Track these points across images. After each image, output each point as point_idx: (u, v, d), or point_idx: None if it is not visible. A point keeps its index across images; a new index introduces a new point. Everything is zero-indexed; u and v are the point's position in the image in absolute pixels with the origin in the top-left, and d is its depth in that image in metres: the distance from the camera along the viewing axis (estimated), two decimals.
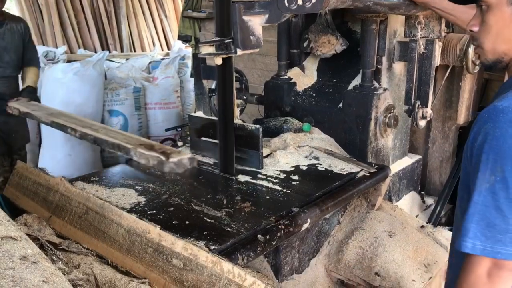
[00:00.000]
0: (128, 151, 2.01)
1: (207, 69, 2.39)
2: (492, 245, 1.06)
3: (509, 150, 1.05)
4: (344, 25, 2.69)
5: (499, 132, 1.07)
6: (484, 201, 1.08)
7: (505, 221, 1.06)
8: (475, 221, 1.08)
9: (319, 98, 2.65)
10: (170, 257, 1.44)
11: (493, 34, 1.21)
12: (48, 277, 0.87)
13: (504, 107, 1.09)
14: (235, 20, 1.72)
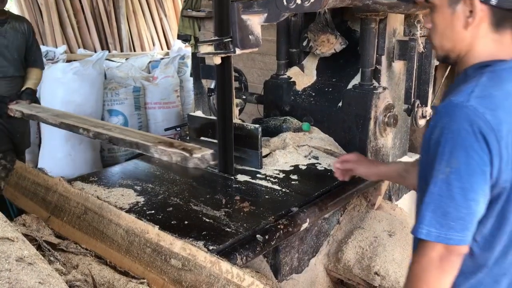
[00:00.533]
0: (147, 149, 2.05)
1: (206, 69, 2.38)
2: (446, 231, 1.14)
3: (462, 143, 1.12)
4: (344, 24, 2.68)
5: (454, 126, 1.13)
6: (439, 191, 1.14)
7: (458, 209, 1.13)
8: (430, 209, 1.15)
9: (318, 98, 2.64)
10: (168, 257, 1.44)
11: (438, 33, 1.29)
12: (44, 279, 0.86)
13: (459, 102, 1.15)
14: (234, 19, 1.71)
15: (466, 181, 1.12)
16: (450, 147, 1.13)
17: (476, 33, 1.23)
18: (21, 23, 3.28)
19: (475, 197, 1.13)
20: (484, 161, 1.12)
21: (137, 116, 4.85)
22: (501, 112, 1.14)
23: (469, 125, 1.12)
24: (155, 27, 7.07)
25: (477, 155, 1.11)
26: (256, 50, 1.82)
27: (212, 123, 2.24)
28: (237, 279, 1.31)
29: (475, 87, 1.17)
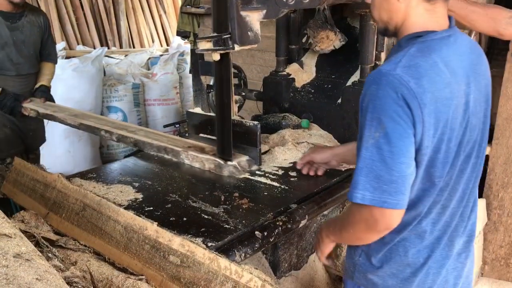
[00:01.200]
0: (177, 154, 2.02)
1: (205, 65, 2.38)
2: (380, 195, 1.19)
3: (389, 109, 1.19)
4: (343, 21, 2.68)
5: (381, 93, 1.20)
6: (371, 155, 1.20)
7: (390, 173, 1.18)
8: (364, 174, 1.21)
9: (317, 94, 2.64)
10: (167, 254, 1.44)
11: (376, 6, 1.40)
12: (41, 275, 0.86)
13: (386, 71, 1.22)
14: (233, 16, 1.71)
15: (395, 145, 1.18)
16: (378, 113, 1.20)
17: (409, 4, 1.31)
18: (38, 15, 3.11)
19: (405, 160, 1.19)
20: (409, 126, 1.19)
21: (136, 112, 4.85)
22: (425, 81, 1.21)
23: (394, 92, 1.18)
24: (154, 23, 7.05)
25: (402, 120, 1.18)
26: (255, 47, 1.82)
27: (211, 120, 2.24)
28: (235, 276, 1.31)
29: (403, 57, 1.25)
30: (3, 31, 2.88)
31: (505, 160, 2.67)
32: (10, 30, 2.90)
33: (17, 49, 2.96)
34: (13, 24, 2.91)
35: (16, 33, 2.94)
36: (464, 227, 1.44)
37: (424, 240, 1.38)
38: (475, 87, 1.35)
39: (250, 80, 3.16)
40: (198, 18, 4.57)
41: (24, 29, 2.98)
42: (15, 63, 2.95)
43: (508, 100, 2.58)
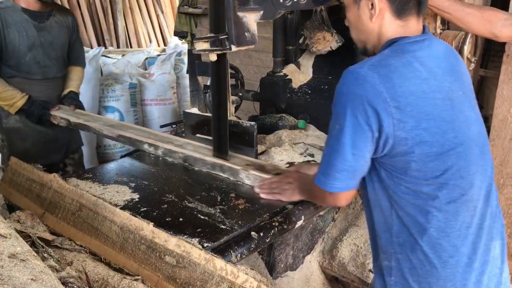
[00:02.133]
0: (236, 173, 1.95)
1: (202, 66, 2.38)
2: (331, 181, 1.38)
3: (350, 104, 1.27)
4: (340, 22, 2.68)
5: (345, 89, 1.30)
6: (331, 144, 1.35)
7: (342, 162, 1.33)
8: (325, 160, 1.38)
9: (314, 95, 2.64)
10: (163, 254, 1.44)
11: (353, 28, 1.50)
12: (37, 275, 0.86)
13: (353, 69, 1.31)
14: (230, 16, 1.71)
15: (350, 138, 1.29)
16: (340, 107, 1.30)
17: (382, 23, 1.39)
18: (66, 15, 2.95)
19: (357, 152, 1.30)
20: (367, 121, 1.26)
21: (133, 112, 4.84)
22: (395, 77, 1.26)
23: (356, 88, 1.27)
24: (151, 23, 7.05)
25: (361, 115, 1.26)
26: (252, 47, 1.82)
27: (208, 120, 2.24)
28: (231, 276, 1.31)
29: (374, 57, 1.34)
30: (30, 32, 2.73)
31: (500, 161, 2.68)
32: (37, 30, 2.76)
33: (44, 51, 2.81)
34: (41, 24, 2.78)
35: (44, 34, 2.79)
36: (496, 229, 1.43)
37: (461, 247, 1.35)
38: (459, 85, 1.38)
39: (247, 80, 3.17)
40: (195, 18, 4.58)
41: (52, 30, 2.83)
42: (42, 65, 2.81)
43: (504, 102, 2.58)
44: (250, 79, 3.86)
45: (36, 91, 2.81)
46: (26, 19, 2.71)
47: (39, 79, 2.81)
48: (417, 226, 1.34)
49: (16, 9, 2.70)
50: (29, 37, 2.72)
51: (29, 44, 2.72)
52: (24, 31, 2.70)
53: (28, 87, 2.78)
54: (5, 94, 2.71)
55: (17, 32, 2.68)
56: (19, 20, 2.68)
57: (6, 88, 2.72)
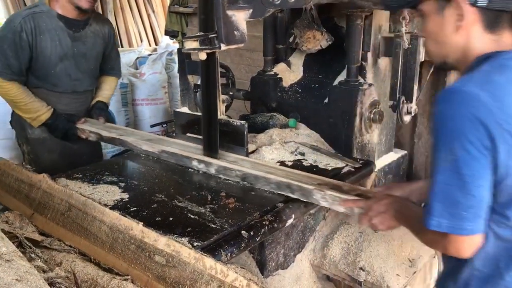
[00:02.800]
0: (309, 194, 1.73)
1: (192, 65, 2.37)
2: (458, 222, 1.13)
3: (460, 129, 1.10)
4: (330, 21, 2.68)
5: (452, 112, 1.12)
6: (446, 180, 1.13)
7: (467, 198, 1.11)
8: (439, 199, 1.14)
9: (305, 94, 2.64)
10: (152, 254, 1.44)
11: (432, 40, 1.31)
12: (22, 276, 0.86)
13: (455, 87, 1.15)
14: (219, 15, 1.70)
15: (470, 168, 1.10)
16: (450, 135, 1.12)
17: (469, 36, 1.22)
18: (103, 25, 2.71)
19: (481, 183, 1.11)
20: (485, 146, 1.10)
21: (124, 112, 4.81)
22: (503, 95, 1.12)
23: (466, 110, 1.10)
24: (142, 23, 7.02)
25: (478, 140, 1.10)
26: (242, 46, 1.82)
27: (198, 119, 2.23)
28: (221, 275, 1.31)
29: (474, 74, 1.18)
30: (64, 41, 2.49)
31: None
32: (72, 40, 2.52)
33: (76, 63, 2.58)
34: (76, 33, 2.54)
35: (78, 45, 2.56)
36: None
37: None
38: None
39: (238, 79, 3.16)
40: (186, 18, 4.55)
41: (86, 40, 2.59)
42: (72, 78, 2.58)
43: None
44: (241, 78, 3.85)
45: (63, 103, 2.61)
46: (61, 27, 2.47)
47: (68, 93, 2.60)
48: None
49: (52, 15, 2.46)
50: (62, 46, 2.49)
51: (61, 54, 2.50)
52: (57, 40, 2.47)
53: (55, 99, 2.58)
54: (30, 106, 2.51)
55: (50, 40, 2.45)
56: (53, 28, 2.45)
57: (31, 99, 2.51)
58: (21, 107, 2.52)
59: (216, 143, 2.06)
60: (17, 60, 2.40)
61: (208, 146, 2.08)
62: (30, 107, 2.51)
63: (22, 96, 2.48)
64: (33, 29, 2.39)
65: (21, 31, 2.36)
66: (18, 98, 2.48)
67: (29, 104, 2.51)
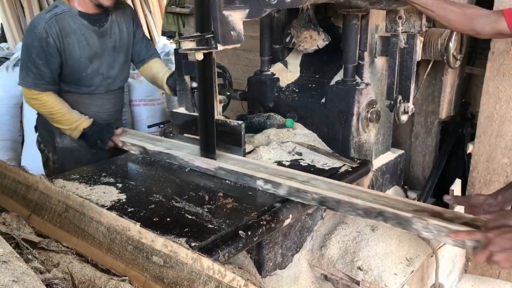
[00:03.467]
0: (407, 223, 1.52)
1: (189, 65, 2.37)
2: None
3: None
4: (327, 21, 2.69)
5: None
6: None
7: None
8: None
9: (302, 94, 2.65)
10: (150, 255, 1.43)
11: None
12: (18, 277, 0.86)
13: None
14: (215, 15, 1.70)
15: None
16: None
17: None
18: (123, 10, 2.52)
19: None
20: None
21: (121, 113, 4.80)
22: None
23: None
24: None
25: None
26: (239, 46, 1.82)
27: (195, 120, 2.23)
28: (218, 275, 1.31)
29: None
30: (91, 39, 2.37)
31: (487, 158, 2.71)
32: (98, 36, 2.40)
33: (107, 60, 2.44)
34: (101, 28, 2.41)
35: (105, 40, 2.42)
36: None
37: None
38: None
39: (235, 80, 3.16)
40: (183, 18, 4.57)
41: (113, 32, 2.45)
42: (105, 77, 2.47)
43: (490, 99, 2.61)
44: (239, 78, 3.85)
45: (97, 105, 2.50)
46: (86, 25, 2.34)
47: (101, 93, 2.48)
48: None
49: (74, 13, 2.33)
50: (91, 46, 2.37)
51: (90, 55, 2.37)
52: (84, 40, 2.35)
53: (88, 101, 2.47)
54: (68, 116, 2.38)
55: (77, 41, 2.32)
56: (78, 27, 2.32)
57: (69, 109, 2.40)
58: (59, 119, 2.39)
59: (213, 142, 2.06)
60: (48, 68, 2.29)
61: (205, 146, 2.08)
62: (69, 117, 2.39)
63: (60, 107, 2.37)
64: (59, 33, 2.27)
65: (47, 37, 2.24)
66: (55, 110, 2.36)
67: (67, 115, 2.39)
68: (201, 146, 2.11)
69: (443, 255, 2.30)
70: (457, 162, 3.09)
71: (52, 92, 2.36)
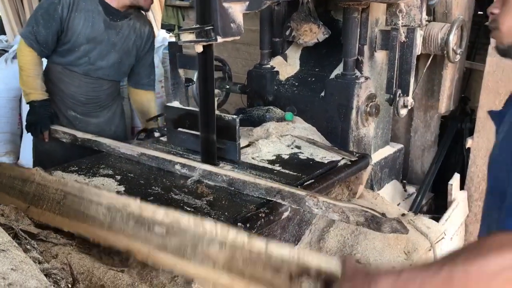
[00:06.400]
0: (300, 201, 1.67)
1: (183, 58, 2.36)
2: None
3: None
4: (327, 14, 2.68)
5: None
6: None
7: None
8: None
9: (301, 87, 2.64)
10: (152, 226, 1.44)
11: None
12: (17, 265, 0.86)
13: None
14: (215, 7, 1.70)
15: None
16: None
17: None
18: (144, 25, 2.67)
19: None
20: None
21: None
22: None
23: None
24: None
25: None
26: (239, 40, 1.82)
27: (189, 114, 2.21)
28: (221, 236, 1.31)
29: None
30: (97, 25, 2.45)
31: (486, 152, 2.71)
32: (105, 26, 2.47)
33: (102, 50, 2.51)
34: (112, 21, 2.49)
35: (111, 33, 2.50)
36: None
37: None
38: None
39: (235, 73, 3.16)
40: (183, 11, 4.55)
41: (121, 32, 2.53)
42: (90, 62, 2.52)
43: (489, 93, 2.61)
44: (238, 72, 3.84)
45: (75, 85, 2.56)
46: (99, 11, 2.45)
47: (81, 74, 2.54)
48: None
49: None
50: (94, 29, 2.45)
51: (90, 36, 2.45)
52: (91, 22, 2.44)
53: (68, 79, 2.55)
54: (31, 80, 2.47)
55: (84, 19, 2.42)
56: (91, 9, 2.44)
57: (36, 76, 2.49)
58: (23, 76, 2.50)
59: (213, 136, 2.03)
60: (46, 30, 2.40)
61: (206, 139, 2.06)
62: (31, 81, 2.48)
63: (30, 67, 2.47)
64: (71, 5, 2.39)
65: (58, 3, 2.37)
66: (26, 67, 2.47)
67: (31, 78, 2.48)
68: (202, 140, 2.07)
69: (441, 249, 2.31)
70: (456, 156, 3.09)
71: (36, 53, 2.45)
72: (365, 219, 1.51)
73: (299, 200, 1.67)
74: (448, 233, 2.50)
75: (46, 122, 2.46)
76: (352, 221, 1.54)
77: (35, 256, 1.12)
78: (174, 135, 2.31)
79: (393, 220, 1.46)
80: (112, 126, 2.76)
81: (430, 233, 2.30)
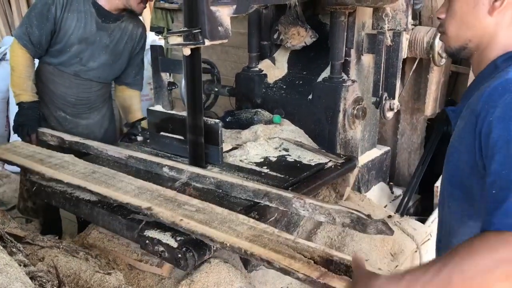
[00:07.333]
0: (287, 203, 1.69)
1: (165, 62, 2.35)
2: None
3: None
4: (315, 18, 2.71)
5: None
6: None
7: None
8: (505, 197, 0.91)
9: (289, 90, 2.66)
10: (183, 205, 1.58)
11: (457, 20, 1.19)
12: (1, 268, 0.86)
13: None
14: (203, 11, 1.71)
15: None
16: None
17: (501, 21, 1.14)
18: (136, 26, 2.66)
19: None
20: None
21: None
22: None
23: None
24: None
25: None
26: (228, 43, 1.83)
27: (172, 118, 2.21)
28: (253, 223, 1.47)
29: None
30: (89, 26, 2.45)
31: None
32: (97, 28, 2.48)
33: (94, 51, 2.51)
34: (104, 23, 2.49)
35: (102, 34, 2.50)
36: None
37: None
38: None
39: (224, 76, 3.17)
40: (171, 14, 4.55)
41: (112, 34, 2.53)
42: (82, 63, 2.51)
43: None
44: (227, 75, 3.85)
45: (65, 85, 2.55)
46: (92, 12, 2.45)
47: (72, 74, 2.53)
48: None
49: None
50: (86, 30, 2.45)
51: (81, 37, 2.45)
52: (83, 23, 2.44)
53: (59, 80, 2.54)
54: (22, 81, 2.47)
55: (76, 20, 2.43)
56: (84, 10, 2.44)
57: (28, 77, 2.48)
58: (14, 77, 2.49)
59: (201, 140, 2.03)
60: (39, 30, 2.40)
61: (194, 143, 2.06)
62: (22, 82, 2.48)
63: (22, 68, 2.47)
64: (64, 5, 2.40)
65: (51, 4, 2.38)
66: (18, 68, 2.47)
67: (22, 79, 2.47)
68: (190, 142, 2.07)
69: (427, 250, 2.33)
70: (442, 159, 3.12)
71: (29, 53, 2.46)
72: (351, 220, 1.53)
73: (287, 202, 1.69)
74: (434, 234, 2.52)
75: (34, 124, 2.45)
76: (338, 222, 1.56)
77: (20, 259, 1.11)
78: (156, 139, 2.31)
79: (379, 222, 1.48)
80: (102, 128, 2.75)
81: (416, 234, 2.33)
